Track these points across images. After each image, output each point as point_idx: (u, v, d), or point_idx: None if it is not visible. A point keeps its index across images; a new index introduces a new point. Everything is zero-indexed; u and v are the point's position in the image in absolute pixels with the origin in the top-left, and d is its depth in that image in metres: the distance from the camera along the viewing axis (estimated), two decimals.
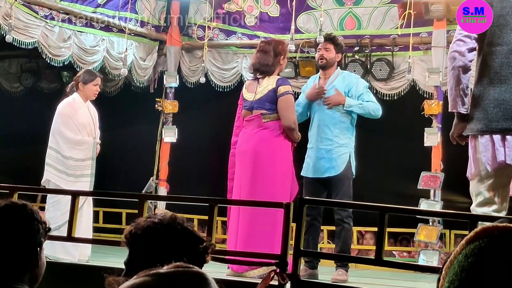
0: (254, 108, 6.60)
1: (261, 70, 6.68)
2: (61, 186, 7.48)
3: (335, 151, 6.81)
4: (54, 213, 7.44)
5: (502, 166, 4.54)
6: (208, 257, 2.66)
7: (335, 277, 6.40)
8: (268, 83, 6.57)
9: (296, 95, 7.20)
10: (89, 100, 7.90)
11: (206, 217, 5.08)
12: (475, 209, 4.67)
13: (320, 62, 7.07)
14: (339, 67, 7.29)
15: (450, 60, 4.68)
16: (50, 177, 7.62)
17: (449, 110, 4.78)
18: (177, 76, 11.26)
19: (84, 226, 7.39)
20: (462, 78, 4.62)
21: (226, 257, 5.99)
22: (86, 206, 7.54)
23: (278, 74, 6.77)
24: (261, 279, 5.92)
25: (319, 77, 7.14)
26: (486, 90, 4.57)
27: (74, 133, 7.70)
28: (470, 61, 4.65)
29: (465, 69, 4.63)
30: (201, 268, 2.69)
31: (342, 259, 6.65)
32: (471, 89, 4.78)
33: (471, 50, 4.64)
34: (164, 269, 1.58)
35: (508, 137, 4.52)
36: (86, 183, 7.65)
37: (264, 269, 5.90)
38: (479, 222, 4.37)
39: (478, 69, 4.68)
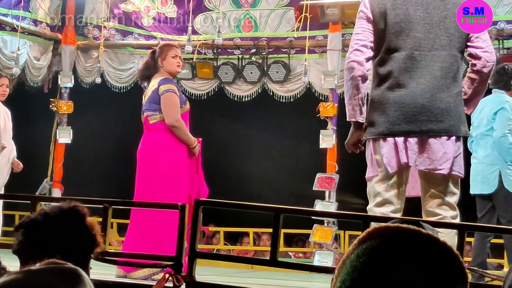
0: (144, 111, 6.60)
1: (141, 75, 6.88)
2: None
3: None
4: None
5: (402, 168, 4.62)
6: (94, 254, 2.67)
7: None
8: (152, 85, 6.57)
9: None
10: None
11: (101, 219, 5.01)
12: (373, 209, 4.70)
13: None
14: None
15: (349, 70, 4.69)
16: None
17: (347, 120, 4.80)
18: (72, 76, 11.06)
19: None
20: (361, 87, 4.65)
21: (114, 258, 5.92)
22: None
23: (174, 77, 6.78)
24: (145, 280, 5.94)
25: None
26: (385, 95, 4.64)
27: None
28: (368, 70, 4.71)
29: (364, 78, 4.67)
30: (88, 266, 2.69)
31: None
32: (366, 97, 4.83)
33: (368, 59, 4.69)
34: (37, 266, 1.55)
35: (410, 139, 4.60)
36: None
37: (149, 270, 5.94)
38: (372, 223, 4.43)
39: (376, 75, 4.74)
